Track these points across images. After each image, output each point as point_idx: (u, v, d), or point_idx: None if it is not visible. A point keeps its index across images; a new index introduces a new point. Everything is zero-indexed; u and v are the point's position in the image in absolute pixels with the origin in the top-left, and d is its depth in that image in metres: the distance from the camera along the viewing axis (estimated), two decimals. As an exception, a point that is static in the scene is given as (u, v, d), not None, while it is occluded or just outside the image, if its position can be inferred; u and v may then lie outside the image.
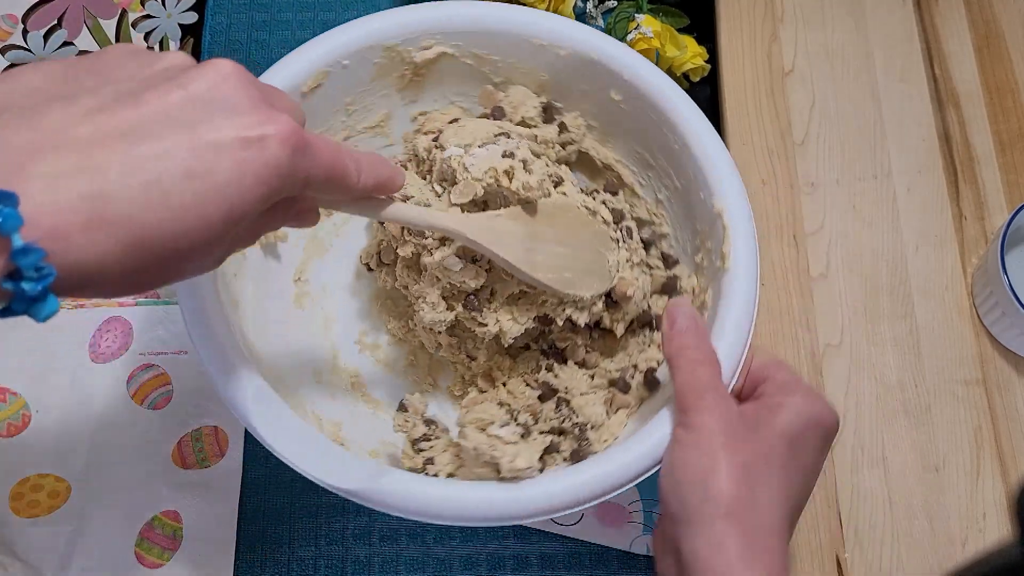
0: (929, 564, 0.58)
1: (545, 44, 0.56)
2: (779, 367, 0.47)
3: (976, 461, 0.61)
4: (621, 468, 0.46)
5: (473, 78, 0.59)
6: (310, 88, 0.54)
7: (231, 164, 0.32)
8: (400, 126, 0.61)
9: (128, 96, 0.31)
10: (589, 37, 0.56)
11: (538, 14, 0.57)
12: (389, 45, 0.56)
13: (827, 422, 0.45)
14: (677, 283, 0.56)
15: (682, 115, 0.53)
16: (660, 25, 0.69)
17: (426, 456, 0.52)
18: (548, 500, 0.45)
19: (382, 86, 0.58)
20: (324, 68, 0.54)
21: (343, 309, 0.62)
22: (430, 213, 0.47)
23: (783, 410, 0.44)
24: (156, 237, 0.30)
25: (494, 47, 0.57)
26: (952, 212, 0.68)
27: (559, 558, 0.60)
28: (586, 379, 0.55)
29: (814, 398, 0.45)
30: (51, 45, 0.55)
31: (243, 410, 0.46)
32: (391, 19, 0.55)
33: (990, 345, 0.64)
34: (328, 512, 0.61)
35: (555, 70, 0.57)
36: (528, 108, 0.57)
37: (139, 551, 0.59)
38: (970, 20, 0.74)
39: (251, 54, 0.74)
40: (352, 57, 0.55)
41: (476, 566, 0.60)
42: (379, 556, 0.60)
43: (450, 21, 0.56)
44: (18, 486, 0.60)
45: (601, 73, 0.56)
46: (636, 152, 0.58)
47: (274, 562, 0.60)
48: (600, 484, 0.45)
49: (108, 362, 0.64)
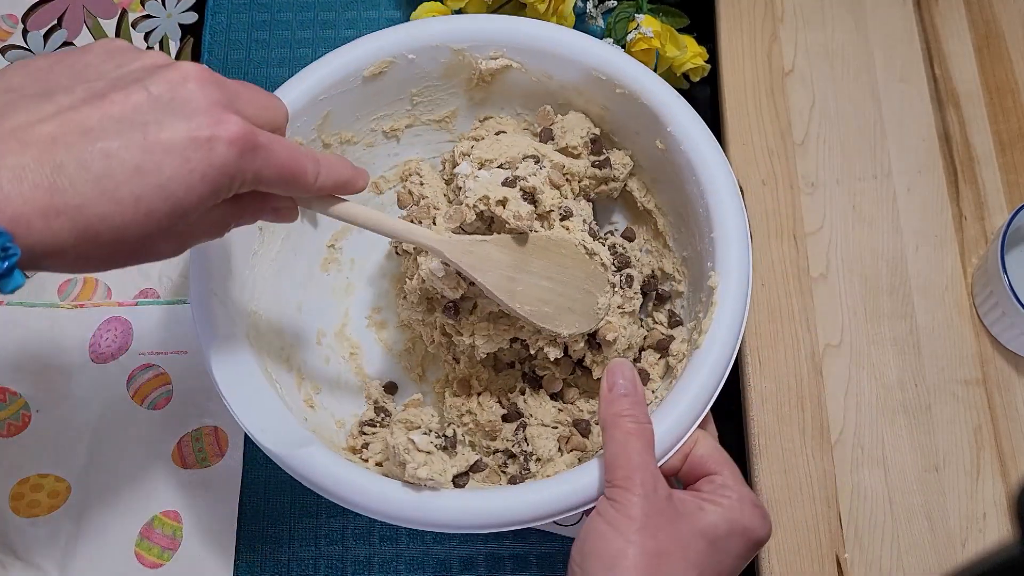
0: (929, 564, 0.58)
1: (603, 78, 0.56)
2: (724, 465, 0.47)
3: (976, 461, 0.61)
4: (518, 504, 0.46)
5: (537, 95, 0.60)
6: (372, 73, 0.57)
7: (178, 163, 0.35)
8: (464, 124, 0.63)
9: (96, 96, 0.34)
10: (644, 79, 0.56)
11: (601, 46, 0.57)
12: (457, 48, 0.57)
13: (755, 533, 0.44)
14: (671, 344, 0.56)
15: (715, 181, 0.53)
16: (660, 25, 0.69)
17: (366, 440, 0.54)
18: (440, 513, 0.46)
19: (451, 84, 0.60)
20: (390, 57, 0.56)
21: (365, 283, 0.64)
22: (410, 228, 0.48)
23: (711, 510, 0.44)
24: (105, 226, 0.33)
25: (556, 70, 0.58)
26: (952, 212, 0.68)
27: (558, 558, 0.60)
28: (553, 411, 0.56)
29: (749, 506, 0.45)
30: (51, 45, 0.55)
31: (207, 350, 0.48)
32: (461, 24, 0.57)
33: (990, 345, 0.64)
34: (328, 512, 0.61)
35: (613, 105, 0.58)
36: (576, 136, 0.57)
37: (139, 551, 0.59)
38: (970, 20, 0.74)
39: (251, 53, 0.74)
40: (419, 52, 0.57)
41: (475, 566, 0.60)
42: (379, 556, 0.60)
43: (514, 37, 0.57)
44: (18, 486, 0.60)
45: (650, 118, 0.56)
46: (675, 204, 0.58)
47: (274, 562, 0.60)
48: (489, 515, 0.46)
49: (108, 362, 0.64)
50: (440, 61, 0.58)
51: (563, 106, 0.60)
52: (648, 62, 0.69)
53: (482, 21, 0.58)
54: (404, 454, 0.48)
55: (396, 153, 0.63)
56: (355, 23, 0.77)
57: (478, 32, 0.57)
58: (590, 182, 0.58)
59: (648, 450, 0.45)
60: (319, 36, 0.76)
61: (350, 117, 0.58)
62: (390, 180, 0.64)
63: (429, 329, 0.58)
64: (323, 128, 0.57)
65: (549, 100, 0.60)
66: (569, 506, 0.46)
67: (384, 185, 0.63)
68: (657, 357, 0.57)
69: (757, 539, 0.45)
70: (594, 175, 0.58)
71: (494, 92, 0.61)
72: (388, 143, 0.62)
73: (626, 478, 0.43)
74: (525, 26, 0.57)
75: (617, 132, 0.60)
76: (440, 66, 0.58)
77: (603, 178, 0.58)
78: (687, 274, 0.58)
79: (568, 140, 0.57)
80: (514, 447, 0.54)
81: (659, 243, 0.60)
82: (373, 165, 0.63)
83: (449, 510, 0.46)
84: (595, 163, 0.58)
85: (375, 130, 0.61)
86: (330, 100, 0.56)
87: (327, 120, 0.57)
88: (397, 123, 0.61)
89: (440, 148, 0.63)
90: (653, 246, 0.61)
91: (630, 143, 0.59)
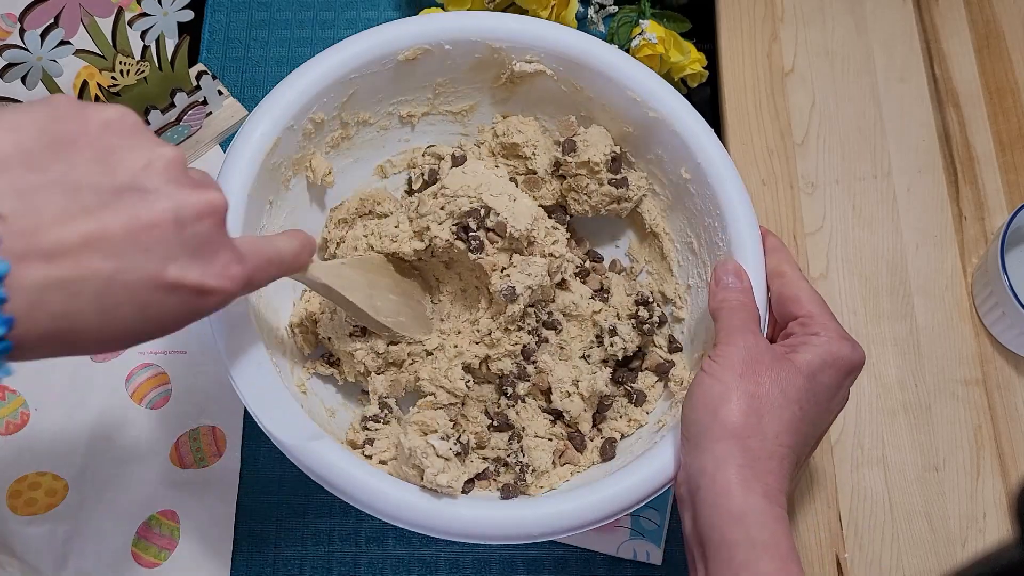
0: (929, 564, 0.58)
1: (639, 100, 0.57)
2: (812, 303, 0.50)
3: (976, 461, 0.61)
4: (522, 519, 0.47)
5: (562, 103, 0.60)
6: (407, 58, 0.57)
7: (178, 304, 0.34)
8: (480, 119, 0.63)
9: (100, 207, 0.31)
10: (677, 106, 0.56)
11: (640, 68, 0.57)
12: (496, 46, 0.57)
13: (847, 361, 0.47)
14: (671, 370, 0.56)
15: (738, 220, 0.53)
16: (664, 31, 0.69)
17: (369, 436, 0.53)
18: (451, 522, 0.46)
19: (477, 79, 0.60)
20: (428, 45, 0.56)
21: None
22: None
23: (805, 349, 0.47)
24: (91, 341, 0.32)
25: (590, 83, 0.58)
26: (952, 212, 0.68)
27: (545, 562, 0.60)
28: (546, 423, 0.56)
29: (837, 339, 0.48)
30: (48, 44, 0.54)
31: (220, 337, 0.48)
32: (504, 22, 0.57)
33: (990, 345, 0.64)
34: (315, 512, 0.61)
35: (641, 127, 0.58)
36: (598, 152, 0.57)
37: (136, 550, 0.59)
38: (970, 20, 0.74)
39: (249, 52, 0.74)
40: (457, 44, 0.57)
41: (462, 568, 0.60)
42: (365, 557, 0.60)
43: (557, 44, 0.57)
44: (16, 484, 0.60)
45: (679, 147, 0.56)
46: (686, 234, 0.58)
47: (272, 562, 0.59)
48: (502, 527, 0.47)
49: (107, 361, 0.64)
50: (474, 56, 0.58)
51: (585, 119, 0.60)
52: (652, 68, 0.68)
53: (526, 23, 0.58)
54: (423, 458, 0.48)
55: (407, 139, 0.63)
56: (354, 23, 0.76)
57: (520, 33, 0.57)
58: (603, 199, 0.58)
59: (752, 320, 0.49)
60: (318, 36, 0.76)
61: (373, 98, 0.58)
62: (396, 165, 0.63)
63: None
64: (346, 106, 0.57)
65: (572, 111, 0.60)
66: (607, 514, 0.48)
67: (390, 169, 0.63)
68: (655, 380, 0.57)
69: (850, 366, 0.48)
70: (609, 193, 0.58)
71: (518, 93, 0.61)
72: (402, 128, 0.62)
73: (729, 336, 0.47)
74: (569, 36, 0.57)
75: (635, 153, 0.59)
76: (472, 60, 0.58)
77: (617, 197, 0.58)
78: (690, 303, 0.57)
79: (591, 155, 0.57)
80: (509, 456, 0.54)
81: (663, 267, 0.60)
82: (383, 148, 0.63)
83: (488, 520, 0.47)
84: (612, 181, 0.58)
85: (392, 114, 0.61)
86: (360, 79, 0.56)
87: (352, 98, 0.57)
88: (415, 110, 0.61)
89: (451, 139, 0.63)
90: (655, 268, 0.61)
91: (647, 166, 0.59)
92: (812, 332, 0.48)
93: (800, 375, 0.46)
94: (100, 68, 0.60)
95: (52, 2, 0.54)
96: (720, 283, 0.51)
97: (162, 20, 0.60)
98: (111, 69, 0.61)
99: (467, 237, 0.54)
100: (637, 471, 0.48)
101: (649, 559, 0.60)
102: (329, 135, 0.58)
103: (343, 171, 0.61)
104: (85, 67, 0.69)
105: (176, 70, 0.64)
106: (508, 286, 0.54)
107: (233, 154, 0.51)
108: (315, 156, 0.58)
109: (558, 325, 0.57)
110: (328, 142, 0.58)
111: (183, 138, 0.68)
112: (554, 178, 0.60)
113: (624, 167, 0.59)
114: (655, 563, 0.60)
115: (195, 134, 0.69)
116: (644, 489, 0.48)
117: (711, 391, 0.45)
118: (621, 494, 0.48)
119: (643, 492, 0.48)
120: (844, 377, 0.48)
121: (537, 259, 0.55)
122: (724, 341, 0.47)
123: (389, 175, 0.63)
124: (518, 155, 0.60)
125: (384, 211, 0.59)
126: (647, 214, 0.60)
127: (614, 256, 0.63)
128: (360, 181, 0.62)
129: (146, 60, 0.62)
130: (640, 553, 0.60)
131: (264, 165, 0.52)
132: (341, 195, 0.61)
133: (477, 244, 0.54)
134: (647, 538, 0.60)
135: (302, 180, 0.58)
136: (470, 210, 0.54)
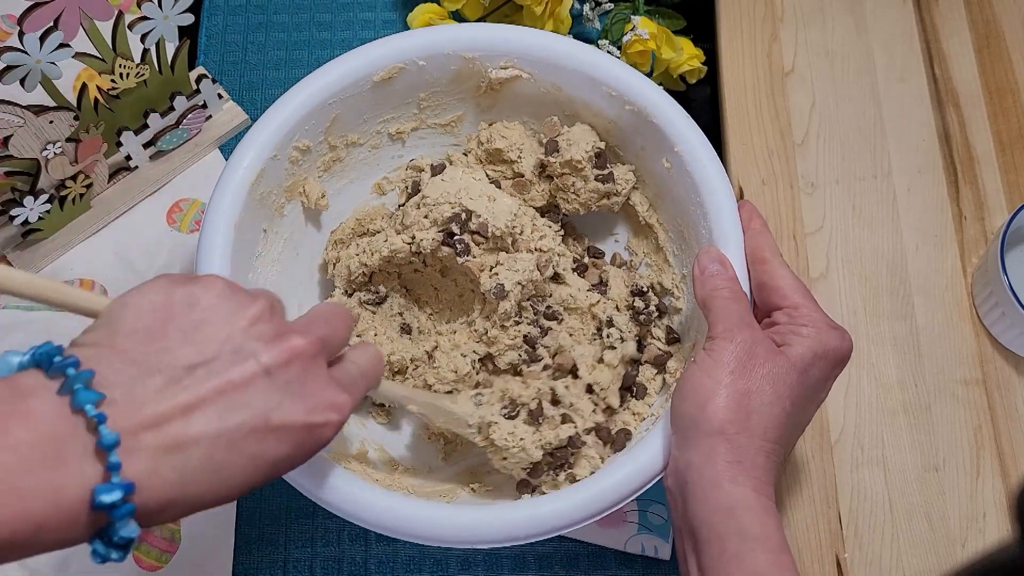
0: (929, 564, 0.58)
1: (614, 94, 0.57)
2: (798, 293, 0.49)
3: (976, 461, 0.61)
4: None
5: (544, 104, 0.60)
6: (382, 79, 0.57)
7: (288, 447, 0.36)
8: (470, 129, 0.63)
9: (193, 380, 0.34)
10: (653, 97, 0.56)
11: (613, 62, 0.57)
12: (468, 56, 0.57)
13: (837, 352, 0.47)
14: (667, 361, 0.57)
15: (720, 208, 0.53)
16: (656, 27, 0.69)
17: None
18: (478, 530, 0.47)
19: (459, 90, 0.60)
20: (401, 63, 0.57)
21: None
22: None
23: (796, 341, 0.47)
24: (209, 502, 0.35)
25: (566, 82, 0.58)
26: (952, 212, 0.68)
27: (555, 558, 0.60)
28: (590, 405, 0.56)
29: (826, 329, 0.47)
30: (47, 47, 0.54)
31: None
32: (473, 32, 0.58)
33: (990, 345, 0.64)
34: (324, 513, 0.61)
35: (621, 120, 0.58)
36: (581, 150, 0.57)
37: (137, 554, 0.59)
38: (970, 20, 0.74)
39: (247, 56, 0.74)
40: (430, 59, 0.57)
41: (473, 566, 0.60)
42: (375, 557, 0.60)
43: (528, 48, 0.57)
44: (16, 488, 0.60)
45: (658, 136, 0.56)
46: (676, 222, 0.58)
47: (271, 563, 0.60)
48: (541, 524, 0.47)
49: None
50: (450, 68, 0.58)
51: (570, 117, 0.60)
52: (644, 64, 0.68)
53: (495, 30, 0.58)
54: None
55: (400, 155, 0.63)
56: (351, 25, 0.76)
57: (490, 41, 0.57)
58: (591, 195, 0.58)
59: (747, 311, 0.48)
60: (315, 38, 0.76)
61: (357, 120, 0.59)
62: (393, 182, 0.63)
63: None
64: (331, 131, 0.57)
65: (556, 110, 0.60)
66: (608, 505, 0.48)
67: (387, 186, 0.63)
68: (654, 372, 0.57)
69: (840, 356, 0.47)
70: (596, 189, 0.58)
71: (502, 100, 0.61)
72: (393, 145, 0.62)
73: (726, 330, 0.47)
74: (538, 38, 0.58)
75: (623, 146, 0.60)
76: (450, 73, 0.59)
77: (606, 192, 0.58)
78: (686, 291, 0.58)
79: (573, 153, 0.57)
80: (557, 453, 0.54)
81: (659, 258, 0.60)
82: (377, 167, 0.63)
83: (507, 522, 0.47)
84: (598, 177, 0.58)
85: (381, 132, 0.61)
86: (339, 103, 0.56)
87: (335, 122, 0.57)
88: (403, 126, 0.62)
89: (444, 151, 0.63)
90: (653, 260, 0.61)
91: (635, 158, 0.59)
92: (801, 323, 0.47)
93: (794, 370, 0.45)
94: (100, 71, 0.61)
95: (52, 5, 0.54)
96: (705, 271, 0.50)
97: (162, 23, 0.60)
98: (111, 72, 0.61)
99: (452, 242, 0.54)
100: (625, 465, 0.48)
101: (658, 554, 0.60)
102: (319, 159, 0.58)
103: (340, 192, 0.61)
104: (84, 70, 0.69)
105: (176, 73, 0.65)
106: (497, 284, 0.54)
107: (219, 188, 0.52)
108: (308, 181, 0.58)
109: (559, 316, 0.57)
110: (319, 166, 0.59)
111: (182, 141, 0.69)
112: (542, 179, 0.60)
113: (611, 162, 0.59)
114: (664, 558, 0.60)
115: (194, 137, 0.69)
116: (633, 483, 0.48)
117: (701, 385, 0.45)
118: (611, 488, 0.48)
119: (633, 486, 0.48)
120: (833, 368, 0.48)
121: (524, 255, 0.55)
122: (721, 335, 0.47)
123: (387, 192, 0.64)
124: (503, 160, 0.60)
125: (377, 228, 0.59)
126: (639, 206, 0.60)
127: (614, 251, 0.63)
128: (359, 200, 0.63)
129: (146, 63, 0.62)
130: (648, 548, 0.60)
131: (251, 196, 0.53)
132: (341, 215, 0.61)
133: (463, 247, 0.54)
134: (655, 533, 0.60)
135: (297, 205, 0.59)
136: (452, 215, 0.54)
